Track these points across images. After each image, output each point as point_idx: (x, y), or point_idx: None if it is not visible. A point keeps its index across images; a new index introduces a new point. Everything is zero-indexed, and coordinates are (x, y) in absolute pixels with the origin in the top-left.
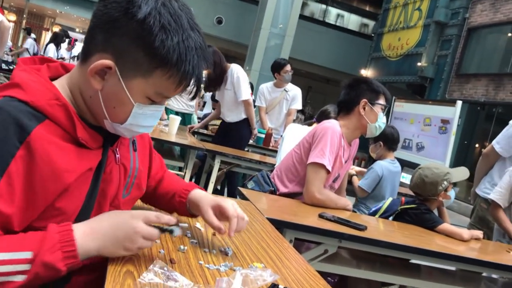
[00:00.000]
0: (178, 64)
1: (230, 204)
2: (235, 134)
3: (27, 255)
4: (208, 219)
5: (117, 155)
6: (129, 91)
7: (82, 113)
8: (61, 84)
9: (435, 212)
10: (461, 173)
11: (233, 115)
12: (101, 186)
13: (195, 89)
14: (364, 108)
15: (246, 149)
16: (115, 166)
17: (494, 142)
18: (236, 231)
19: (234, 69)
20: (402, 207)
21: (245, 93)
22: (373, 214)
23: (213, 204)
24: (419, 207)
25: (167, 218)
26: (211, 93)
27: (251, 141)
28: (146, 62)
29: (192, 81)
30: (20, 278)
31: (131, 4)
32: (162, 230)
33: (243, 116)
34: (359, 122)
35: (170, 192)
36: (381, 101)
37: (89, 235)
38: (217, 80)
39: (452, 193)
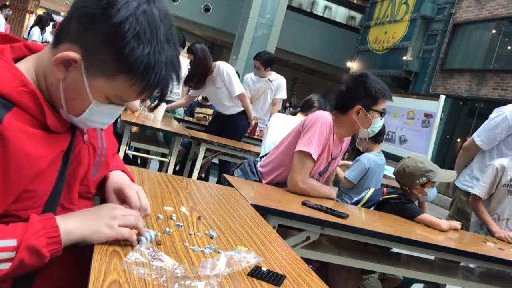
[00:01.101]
0: (143, 74)
1: (135, 193)
2: (231, 125)
3: (12, 242)
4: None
5: (85, 135)
6: (90, 88)
7: (46, 97)
8: (26, 67)
9: (416, 203)
10: (447, 175)
11: (230, 110)
12: (71, 167)
13: (159, 99)
14: (358, 113)
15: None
16: (84, 146)
17: (474, 135)
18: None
19: (222, 66)
20: (384, 197)
21: (238, 87)
22: (356, 203)
23: (117, 187)
24: (400, 197)
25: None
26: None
27: None
28: (112, 65)
29: (155, 92)
30: (5, 266)
31: (110, 5)
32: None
33: (240, 108)
34: (352, 126)
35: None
36: (379, 106)
37: (68, 216)
38: (198, 77)
39: (432, 191)
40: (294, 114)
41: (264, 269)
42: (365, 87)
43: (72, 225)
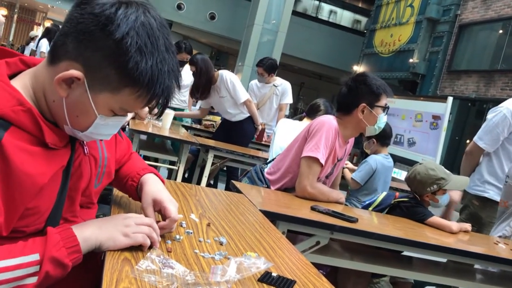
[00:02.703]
0: (148, 86)
1: (174, 206)
2: (238, 131)
3: (35, 257)
4: (145, 212)
5: (85, 147)
6: (94, 103)
7: (46, 113)
8: (23, 83)
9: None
10: (459, 183)
11: (237, 116)
12: (72, 180)
13: (161, 109)
14: (363, 112)
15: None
16: (85, 158)
17: (475, 138)
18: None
19: (225, 75)
20: (395, 200)
21: (243, 94)
22: (367, 207)
23: (157, 199)
24: (410, 200)
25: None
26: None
27: None
28: (116, 80)
29: (160, 102)
30: (32, 280)
31: (110, 21)
32: None
33: (246, 114)
34: (358, 124)
35: (126, 175)
36: (382, 102)
37: (84, 224)
38: (203, 87)
39: (443, 198)
40: (300, 119)
41: (274, 274)
42: (366, 85)
43: (89, 233)
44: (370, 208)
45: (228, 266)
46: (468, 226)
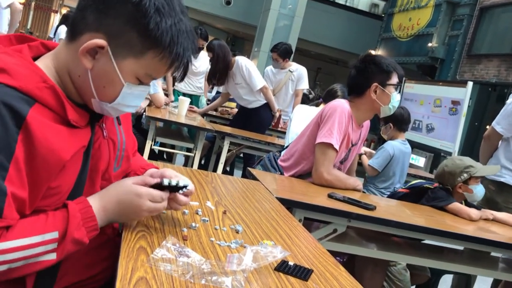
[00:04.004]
0: (170, 46)
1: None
2: (255, 119)
3: (54, 235)
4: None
5: (104, 130)
6: (120, 71)
7: (69, 92)
8: (45, 64)
9: None
10: (489, 169)
11: (252, 104)
12: (92, 162)
13: (182, 72)
14: (375, 92)
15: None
16: (103, 141)
17: (494, 123)
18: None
19: (241, 61)
20: (426, 185)
21: (259, 81)
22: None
23: (165, 173)
24: (438, 188)
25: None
26: None
27: None
28: (139, 43)
29: (182, 63)
30: (51, 257)
31: None
32: (171, 188)
33: (263, 101)
34: (372, 105)
35: (128, 169)
36: (393, 80)
37: (101, 199)
38: (220, 73)
39: (478, 188)
40: (317, 105)
41: (291, 263)
42: (376, 64)
43: (107, 213)
44: (404, 186)
45: (244, 255)
46: (489, 214)
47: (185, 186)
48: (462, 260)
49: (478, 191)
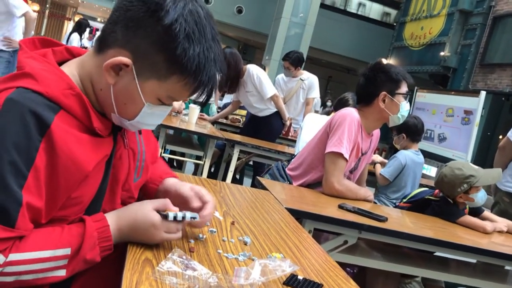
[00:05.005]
0: (195, 74)
1: (209, 195)
2: (266, 127)
3: (66, 251)
4: (191, 202)
5: (125, 140)
6: (142, 91)
7: (93, 103)
8: (70, 71)
9: None
10: (490, 177)
11: (263, 112)
12: (113, 172)
13: (206, 98)
14: (384, 101)
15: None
16: (124, 151)
17: (509, 133)
18: (203, 220)
19: (252, 69)
20: (428, 196)
21: (270, 89)
22: (403, 198)
23: (191, 186)
24: (442, 199)
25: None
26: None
27: None
28: (164, 67)
29: (205, 90)
30: (61, 273)
31: (159, 7)
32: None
33: (273, 109)
34: (380, 114)
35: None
36: (402, 89)
37: (116, 233)
38: (231, 81)
39: (479, 195)
40: (328, 113)
41: (300, 277)
42: (385, 72)
43: (122, 235)
44: (405, 200)
45: (252, 268)
46: (503, 226)
47: (193, 218)
48: (475, 274)
49: (480, 197)
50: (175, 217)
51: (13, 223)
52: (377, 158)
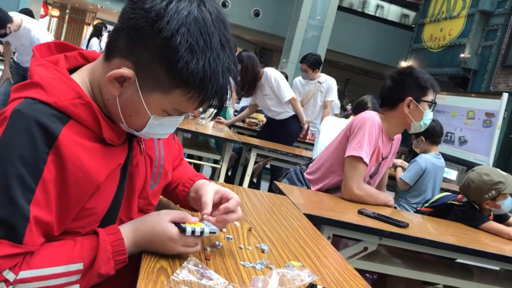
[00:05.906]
0: (200, 87)
1: (234, 194)
2: (283, 130)
3: (79, 266)
4: (204, 198)
5: (142, 146)
6: (146, 103)
7: (103, 110)
8: (81, 78)
9: None
10: None
11: (281, 115)
12: (129, 180)
13: (215, 111)
14: (408, 106)
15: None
16: (141, 158)
17: None
18: (223, 219)
19: (270, 73)
20: (450, 201)
21: (288, 93)
22: (424, 203)
23: (217, 189)
24: (465, 204)
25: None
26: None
27: None
28: (166, 80)
29: (213, 103)
30: None
31: (159, 17)
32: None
33: (291, 113)
34: (403, 119)
35: (176, 181)
36: (429, 97)
37: (131, 247)
38: (248, 85)
39: (506, 202)
40: (346, 116)
41: (319, 287)
42: (413, 78)
43: (137, 247)
44: (426, 205)
45: (270, 278)
46: None
47: (212, 232)
48: (498, 281)
49: (507, 205)
50: (193, 232)
51: (20, 239)
52: (398, 161)
